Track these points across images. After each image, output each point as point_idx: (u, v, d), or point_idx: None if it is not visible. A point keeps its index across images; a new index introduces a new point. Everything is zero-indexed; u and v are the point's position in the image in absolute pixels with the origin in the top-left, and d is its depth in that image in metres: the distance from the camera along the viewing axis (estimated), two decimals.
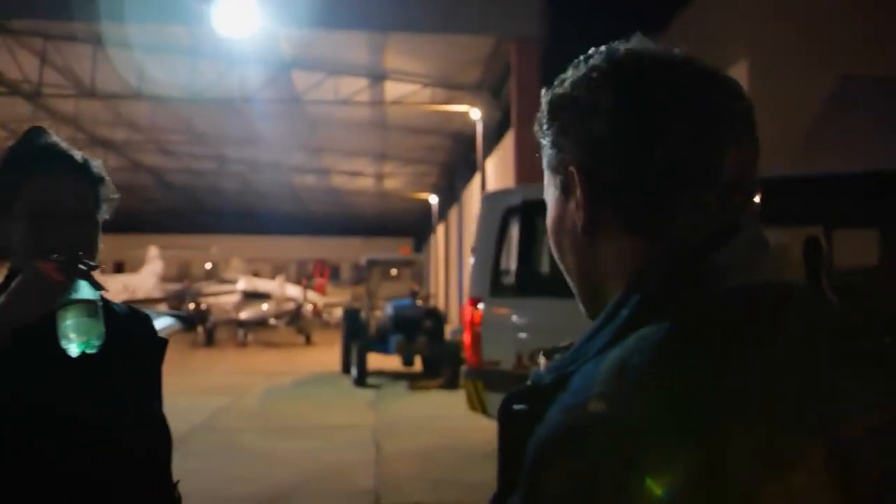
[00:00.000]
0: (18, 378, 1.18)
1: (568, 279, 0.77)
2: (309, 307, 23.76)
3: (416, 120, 19.88)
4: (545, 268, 6.25)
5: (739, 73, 9.90)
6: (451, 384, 11.94)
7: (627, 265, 0.68)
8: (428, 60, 16.02)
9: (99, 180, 1.36)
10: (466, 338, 6.32)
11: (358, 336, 13.17)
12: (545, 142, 0.75)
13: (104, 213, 1.37)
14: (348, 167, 26.09)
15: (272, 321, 22.85)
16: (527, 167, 13.31)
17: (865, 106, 8.68)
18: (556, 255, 0.77)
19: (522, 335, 5.89)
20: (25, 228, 1.27)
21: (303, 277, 30.93)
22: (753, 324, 0.60)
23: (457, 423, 8.22)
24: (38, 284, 1.17)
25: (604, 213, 0.70)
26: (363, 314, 14.36)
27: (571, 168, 0.71)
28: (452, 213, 27.99)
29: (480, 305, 6.19)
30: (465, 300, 21.66)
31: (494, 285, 6.18)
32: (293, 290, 25.85)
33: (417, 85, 17.16)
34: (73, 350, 1.16)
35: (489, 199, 6.57)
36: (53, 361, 1.17)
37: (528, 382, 0.66)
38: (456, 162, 25.23)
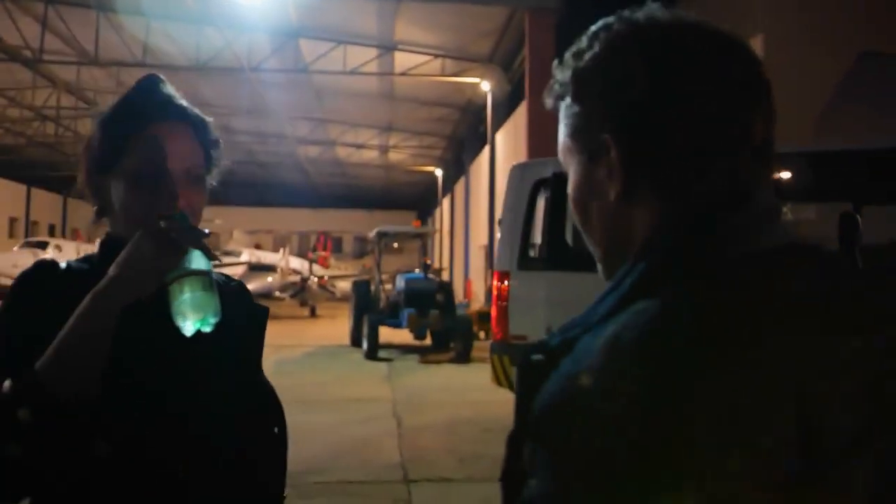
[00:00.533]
0: (131, 362, 1.03)
1: (592, 248, 0.77)
2: (314, 280, 23.69)
3: (424, 91, 19.66)
4: (574, 241, 6.15)
5: (755, 47, 9.61)
6: (463, 358, 11.97)
7: (650, 231, 0.69)
8: (439, 31, 15.78)
9: (214, 142, 1.23)
10: (493, 311, 6.25)
11: (368, 309, 13.10)
12: (569, 111, 0.74)
13: (213, 179, 1.25)
14: (353, 139, 25.89)
15: (277, 294, 22.81)
16: (539, 140, 13.17)
17: (883, 83, 8.53)
18: (579, 224, 0.77)
19: (551, 309, 5.81)
20: (131, 188, 1.13)
21: (308, 250, 30.81)
22: (751, 293, 0.60)
23: (477, 397, 8.18)
24: (149, 253, 1.02)
25: (640, 180, 0.69)
26: (372, 287, 14.30)
27: (605, 135, 0.70)
28: (459, 187, 27.85)
29: (507, 279, 6.10)
30: (470, 274, 21.67)
31: (522, 258, 6.10)
32: (297, 263, 25.78)
33: (428, 56, 16.92)
34: (189, 328, 1.02)
35: (519, 170, 6.43)
36: (167, 341, 1.03)
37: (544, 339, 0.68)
38: (464, 135, 25.03)
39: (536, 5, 13.17)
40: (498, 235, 6.47)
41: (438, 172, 30.70)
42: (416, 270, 14.71)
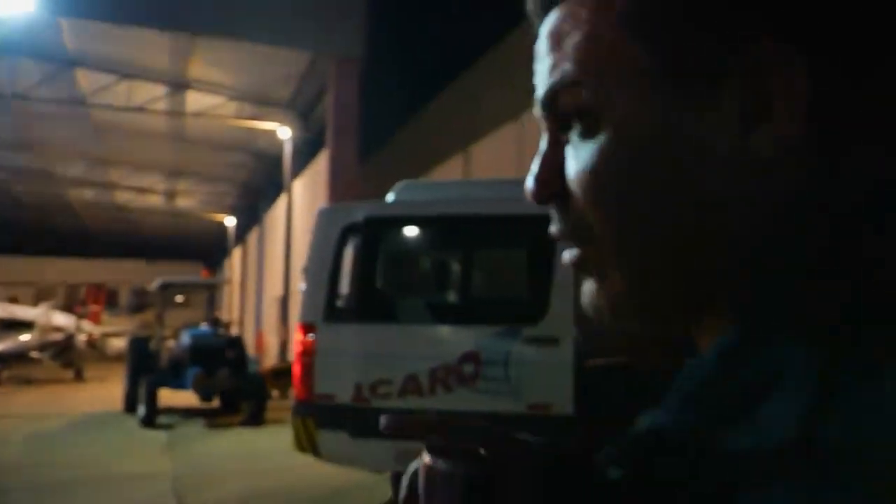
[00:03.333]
0: None
1: (634, 265, 0.42)
2: (82, 338, 21.23)
3: (218, 135, 18.67)
4: (389, 291, 5.80)
5: None
6: (256, 420, 11.13)
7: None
8: (237, 72, 15.06)
9: None
10: (296, 369, 5.69)
11: (147, 369, 11.85)
12: None
13: None
14: (137, 182, 23.97)
15: (34, 354, 20.12)
16: (341, 189, 12.84)
17: None
18: (622, 216, 0.41)
19: (362, 365, 5.39)
20: None
21: (76, 304, 27.90)
22: None
23: (276, 464, 7.41)
24: None
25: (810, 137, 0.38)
26: (153, 344, 13.02)
27: (767, 42, 0.38)
28: (252, 237, 26.77)
29: (313, 332, 5.59)
30: (263, 328, 20.75)
31: (330, 310, 5.63)
32: (62, 319, 23.13)
33: (223, 97, 16.04)
34: None
35: (326, 214, 5.97)
36: None
37: None
38: (259, 182, 24.15)
39: (341, 52, 12.94)
40: (302, 285, 5.93)
41: (230, 221, 29.38)
42: (203, 325, 13.60)
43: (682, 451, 0.36)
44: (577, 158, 0.42)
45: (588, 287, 0.45)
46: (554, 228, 0.46)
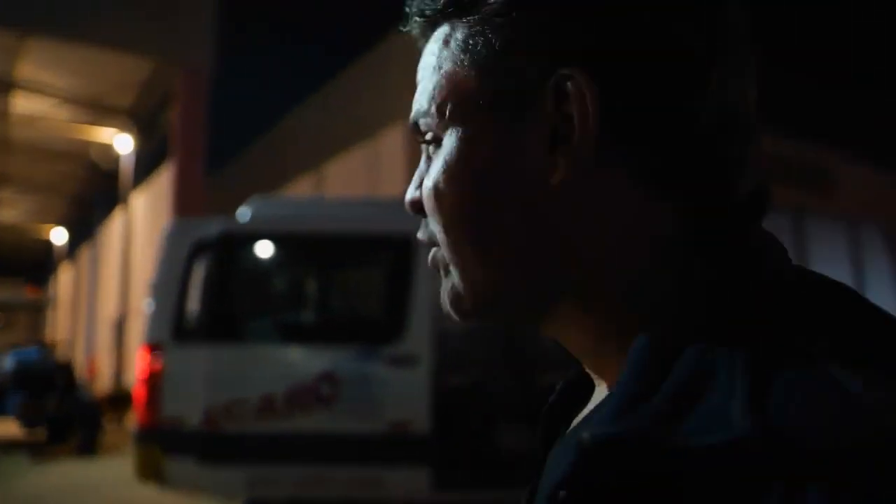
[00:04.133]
0: None
1: (473, 274, 0.49)
2: None
3: (48, 141, 17.27)
4: (242, 310, 5.64)
5: (401, 129, 10.36)
6: (89, 449, 10.35)
7: (649, 249, 0.45)
8: (72, 75, 14.05)
9: None
10: (139, 392, 5.37)
11: None
12: (476, 32, 0.47)
13: None
14: None
15: None
16: (187, 203, 12.32)
17: None
18: (455, 235, 0.49)
19: (213, 386, 5.20)
20: None
21: None
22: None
23: (115, 497, 6.91)
24: None
25: (615, 155, 0.45)
26: None
27: (566, 72, 0.44)
28: (84, 252, 24.91)
29: (160, 353, 5.32)
30: (95, 351, 19.36)
31: (178, 329, 5.38)
32: None
33: (54, 101, 14.90)
34: None
35: (176, 229, 5.70)
36: None
37: None
38: (93, 195, 22.54)
39: (189, 62, 12.44)
40: (148, 303, 5.63)
41: (60, 234, 27.19)
42: (28, 347, 12.55)
43: (637, 455, 0.37)
44: (427, 175, 0.50)
45: (441, 286, 0.52)
46: (420, 234, 0.53)
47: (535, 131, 0.46)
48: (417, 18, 0.51)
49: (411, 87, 0.53)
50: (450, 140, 0.48)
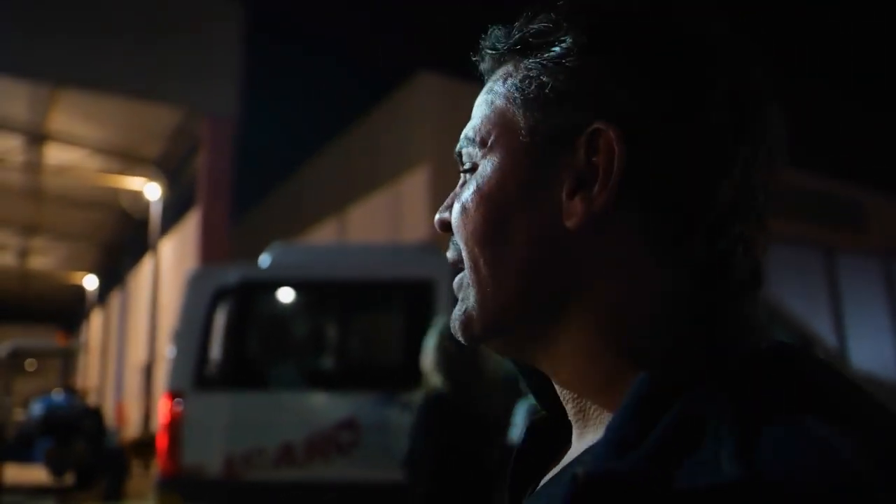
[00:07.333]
0: None
1: (482, 290, 0.52)
2: None
3: (79, 191, 17.67)
4: (262, 357, 5.66)
5: (423, 173, 10.44)
6: (115, 496, 10.34)
7: (649, 303, 0.48)
8: (103, 126, 14.43)
9: None
10: (161, 440, 5.38)
11: None
12: (544, 69, 0.50)
13: None
14: None
15: None
16: (212, 250, 12.47)
17: None
18: (474, 245, 0.52)
19: (234, 435, 5.20)
20: None
21: None
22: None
23: None
24: None
25: (630, 213, 0.48)
26: None
27: (602, 126, 0.48)
28: (114, 299, 25.26)
29: (181, 400, 5.34)
30: (124, 397, 19.43)
31: (200, 376, 5.41)
32: None
33: (85, 151, 15.28)
34: None
35: (198, 277, 5.78)
36: None
37: None
38: (122, 242, 22.94)
39: (214, 110, 12.71)
40: (171, 350, 5.67)
41: (90, 281, 27.63)
42: (57, 393, 12.65)
43: (631, 492, 0.38)
44: (458, 197, 0.54)
45: (455, 309, 0.54)
46: (449, 253, 0.56)
47: (562, 174, 0.49)
48: (489, 51, 0.54)
49: (432, 131, 0.56)
50: (484, 167, 0.52)
